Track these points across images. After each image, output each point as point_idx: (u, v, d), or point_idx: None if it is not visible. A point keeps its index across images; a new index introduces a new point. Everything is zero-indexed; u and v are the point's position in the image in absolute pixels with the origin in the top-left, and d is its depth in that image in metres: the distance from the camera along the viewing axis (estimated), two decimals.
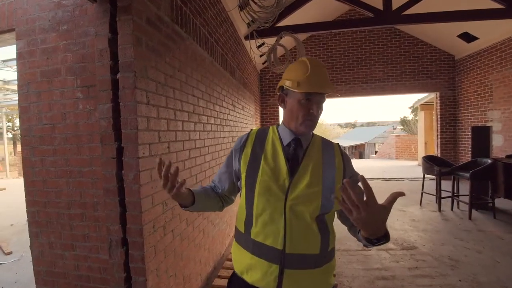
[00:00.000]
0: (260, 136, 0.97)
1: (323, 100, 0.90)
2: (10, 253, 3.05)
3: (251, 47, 4.19)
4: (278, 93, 0.98)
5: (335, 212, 0.96)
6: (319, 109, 0.89)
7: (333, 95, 0.89)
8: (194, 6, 2.23)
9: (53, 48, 1.65)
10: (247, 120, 4.54)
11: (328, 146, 0.96)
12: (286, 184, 0.86)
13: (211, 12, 2.67)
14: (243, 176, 0.92)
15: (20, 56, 1.72)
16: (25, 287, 2.31)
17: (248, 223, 0.90)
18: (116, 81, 1.49)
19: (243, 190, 0.92)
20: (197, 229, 2.30)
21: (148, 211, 1.57)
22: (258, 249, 0.86)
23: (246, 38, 4.14)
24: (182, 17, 1.99)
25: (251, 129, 1.02)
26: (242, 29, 3.93)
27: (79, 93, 1.65)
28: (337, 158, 0.92)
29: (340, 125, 59.03)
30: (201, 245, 2.37)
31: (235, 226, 1.00)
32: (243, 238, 0.92)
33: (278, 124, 1.02)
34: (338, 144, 0.99)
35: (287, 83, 0.90)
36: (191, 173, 2.19)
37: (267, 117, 6.97)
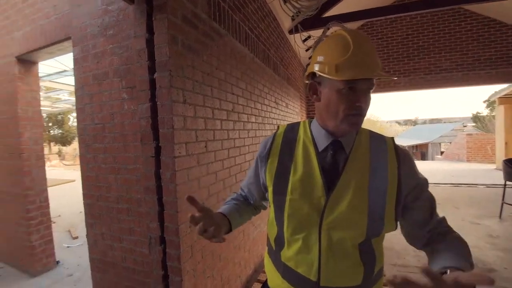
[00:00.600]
0: (289, 139, 0.78)
1: (372, 87, 0.65)
2: (76, 237, 3.47)
3: (295, 41, 4.01)
4: (307, 82, 0.75)
5: (400, 228, 0.75)
6: (367, 99, 0.66)
7: (386, 82, 0.67)
8: (233, 2, 2.17)
9: (102, 52, 1.76)
10: (291, 118, 4.37)
11: (378, 142, 0.72)
12: (321, 203, 0.68)
13: (252, 7, 2.59)
14: (269, 190, 0.76)
15: (76, 61, 1.87)
16: (84, 271, 2.57)
17: (279, 242, 0.77)
18: (154, 81, 1.50)
19: (272, 207, 0.79)
20: (236, 230, 2.24)
21: (184, 211, 1.56)
22: (289, 275, 0.73)
23: (291, 32, 3.96)
24: (220, 14, 1.95)
25: (278, 127, 0.84)
26: (286, 23, 3.77)
27: (124, 94, 1.73)
28: (390, 162, 0.67)
29: (398, 122, 53.76)
30: (240, 247, 2.32)
31: (267, 235, 0.88)
32: (274, 256, 0.80)
33: (311, 119, 0.82)
34: (392, 139, 0.73)
35: (319, 68, 0.67)
36: (230, 173, 2.15)
37: (314, 115, 6.63)
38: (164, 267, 1.57)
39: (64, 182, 7.82)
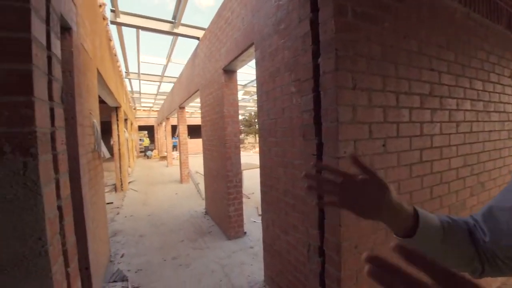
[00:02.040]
0: None
1: None
2: (261, 214, 4.06)
3: None
4: None
5: None
6: None
7: None
8: None
9: (275, 49, 1.78)
10: None
11: None
12: None
13: None
14: None
15: (257, 63, 2.04)
16: (261, 247, 2.89)
17: None
18: (318, 67, 1.29)
19: None
20: None
21: (348, 225, 1.25)
22: None
23: None
24: None
25: None
26: None
27: (293, 88, 1.66)
28: None
29: None
30: None
31: None
32: None
33: None
34: None
35: None
36: (422, 184, 1.54)
37: None
38: (322, 283, 1.36)
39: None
